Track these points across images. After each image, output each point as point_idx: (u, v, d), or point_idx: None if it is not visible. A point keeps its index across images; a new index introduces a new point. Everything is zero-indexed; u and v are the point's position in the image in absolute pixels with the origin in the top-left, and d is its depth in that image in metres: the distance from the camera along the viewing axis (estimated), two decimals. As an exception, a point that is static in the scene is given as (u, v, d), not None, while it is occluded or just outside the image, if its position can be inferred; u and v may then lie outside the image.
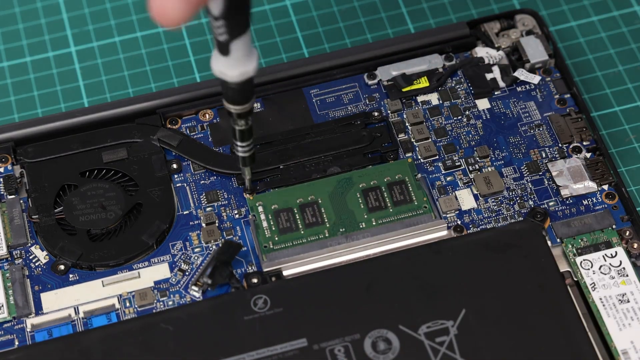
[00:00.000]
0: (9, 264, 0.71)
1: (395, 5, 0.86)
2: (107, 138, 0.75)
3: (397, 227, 0.71)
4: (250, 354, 0.66)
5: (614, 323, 0.67)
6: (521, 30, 0.80)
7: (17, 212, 0.72)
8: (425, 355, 0.65)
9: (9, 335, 0.68)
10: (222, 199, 0.73)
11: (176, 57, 0.83)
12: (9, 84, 0.82)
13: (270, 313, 0.67)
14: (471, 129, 0.76)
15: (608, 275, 0.69)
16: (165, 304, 0.69)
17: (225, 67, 0.62)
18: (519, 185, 0.73)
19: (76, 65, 0.83)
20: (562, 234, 0.71)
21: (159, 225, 0.72)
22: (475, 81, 0.78)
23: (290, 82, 0.78)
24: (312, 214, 0.72)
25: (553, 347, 0.66)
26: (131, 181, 0.74)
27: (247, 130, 0.67)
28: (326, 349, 0.66)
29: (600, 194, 0.73)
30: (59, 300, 0.69)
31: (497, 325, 0.66)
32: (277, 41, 0.84)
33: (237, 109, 0.65)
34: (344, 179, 0.73)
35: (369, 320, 0.67)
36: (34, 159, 0.74)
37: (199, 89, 0.77)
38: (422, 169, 0.74)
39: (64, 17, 0.85)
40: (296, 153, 0.74)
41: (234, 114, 0.66)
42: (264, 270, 0.70)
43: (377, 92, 0.78)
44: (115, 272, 0.70)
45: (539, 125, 0.76)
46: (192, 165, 0.75)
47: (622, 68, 0.82)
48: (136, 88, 0.82)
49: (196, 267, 0.71)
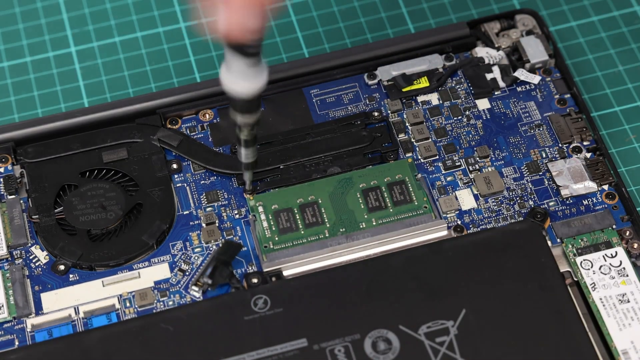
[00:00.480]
0: (9, 264, 0.71)
1: (395, 5, 0.86)
2: (107, 138, 0.75)
3: (397, 227, 0.71)
4: (250, 354, 0.66)
5: (614, 323, 0.68)
6: (521, 30, 0.80)
7: (17, 212, 0.72)
8: (425, 355, 0.65)
9: (9, 335, 0.68)
10: (222, 199, 0.73)
11: (176, 57, 0.83)
12: (9, 84, 0.82)
13: (271, 313, 0.67)
14: (471, 129, 0.76)
15: (608, 275, 0.69)
16: (166, 304, 0.69)
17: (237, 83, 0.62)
18: (519, 185, 0.73)
19: (76, 65, 0.83)
20: (562, 234, 0.71)
21: (159, 225, 0.72)
22: (475, 81, 0.78)
23: (290, 82, 0.78)
24: (312, 214, 0.72)
25: (553, 347, 0.66)
26: (131, 181, 0.74)
27: (251, 138, 0.67)
28: (326, 349, 0.66)
29: (600, 194, 0.73)
30: (59, 301, 0.69)
31: (497, 325, 0.66)
32: (277, 41, 0.84)
33: (245, 120, 0.65)
34: (344, 179, 0.73)
35: (369, 320, 0.67)
36: (34, 159, 0.74)
37: (199, 89, 0.77)
38: (422, 169, 0.74)
39: (64, 17, 0.85)
40: (296, 153, 0.74)
41: (240, 124, 0.66)
42: (264, 271, 0.70)
43: (377, 92, 0.78)
44: (116, 272, 0.70)
45: (539, 125, 0.76)
46: (192, 165, 0.75)
47: (622, 68, 0.82)
48: (136, 88, 0.82)
49: (196, 267, 0.71)
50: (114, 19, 0.85)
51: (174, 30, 0.85)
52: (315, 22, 0.85)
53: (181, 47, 0.84)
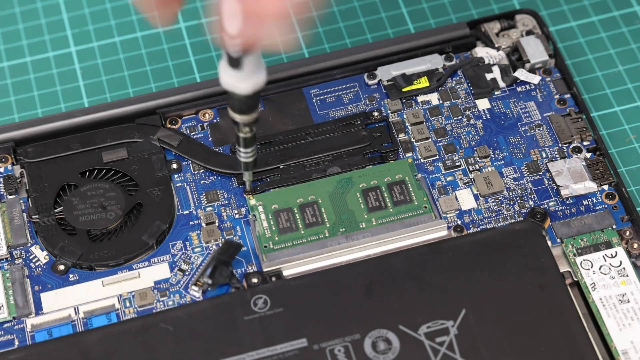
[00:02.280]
0: (9, 264, 0.71)
1: (395, 5, 0.86)
2: (107, 138, 0.75)
3: (397, 227, 0.71)
4: (250, 354, 0.66)
5: (614, 323, 0.67)
6: (521, 30, 0.80)
7: (17, 212, 0.72)
8: (425, 355, 0.65)
9: (9, 335, 0.68)
10: (222, 198, 0.73)
11: (176, 57, 0.83)
12: (9, 84, 0.82)
13: (271, 313, 0.67)
14: (471, 129, 0.76)
15: (608, 275, 0.69)
16: (166, 304, 0.69)
17: (236, 81, 0.62)
18: (519, 185, 0.73)
19: (76, 65, 0.83)
20: (562, 234, 0.71)
21: (159, 225, 0.72)
22: (475, 81, 0.78)
23: (290, 82, 0.78)
24: (312, 214, 0.72)
25: (553, 347, 0.66)
26: (131, 181, 0.74)
27: (251, 137, 0.67)
28: (326, 349, 0.66)
29: (600, 194, 0.73)
30: (59, 301, 0.69)
31: (497, 325, 0.66)
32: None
33: (244, 119, 0.65)
34: (344, 179, 0.73)
35: (369, 321, 0.67)
36: (34, 159, 0.74)
37: (199, 89, 0.77)
38: (422, 169, 0.74)
39: (64, 17, 0.85)
40: (296, 153, 0.74)
41: (239, 123, 0.66)
42: (264, 270, 0.70)
43: (377, 92, 0.78)
44: (115, 272, 0.70)
45: (539, 125, 0.76)
46: (192, 165, 0.75)
47: (622, 68, 0.82)
48: (136, 88, 0.82)
49: (196, 267, 0.71)
50: (114, 19, 0.85)
51: (174, 30, 0.85)
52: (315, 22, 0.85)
53: (181, 47, 0.84)
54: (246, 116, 0.65)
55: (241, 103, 0.64)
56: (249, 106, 0.65)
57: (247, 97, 0.64)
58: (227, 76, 0.62)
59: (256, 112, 0.65)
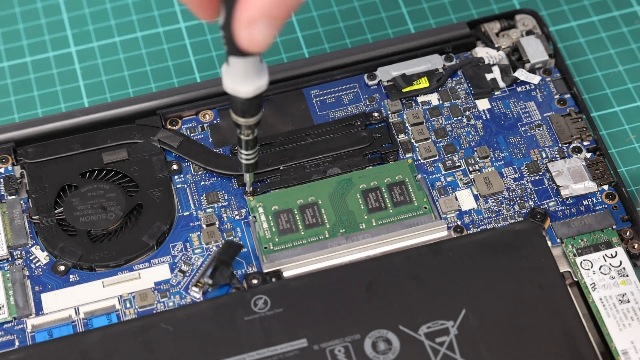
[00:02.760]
0: (10, 264, 0.71)
1: (395, 5, 0.86)
2: (108, 139, 0.75)
3: (397, 227, 0.71)
4: (250, 354, 0.66)
5: (614, 323, 0.68)
6: (521, 30, 0.80)
7: (17, 212, 0.72)
8: (425, 355, 0.65)
9: (9, 335, 0.68)
10: (222, 200, 0.73)
11: (176, 57, 0.83)
12: (9, 84, 0.82)
13: (271, 313, 0.67)
14: (471, 130, 0.76)
15: (608, 275, 0.69)
16: (166, 304, 0.69)
17: (238, 84, 0.62)
18: (519, 186, 0.73)
19: (76, 65, 0.83)
20: (562, 234, 0.71)
21: (159, 226, 0.72)
22: (475, 81, 0.78)
23: (290, 82, 0.78)
24: (312, 215, 0.72)
25: (553, 347, 0.66)
26: (131, 182, 0.74)
27: (252, 139, 0.67)
28: (326, 349, 0.66)
29: (600, 194, 0.73)
30: (59, 301, 0.69)
31: (497, 325, 0.66)
32: (277, 41, 0.84)
33: (247, 122, 0.65)
34: (344, 180, 0.73)
35: (369, 321, 0.67)
36: (35, 160, 0.74)
37: (199, 89, 0.77)
38: (422, 170, 0.74)
39: (64, 17, 0.85)
40: (296, 154, 0.74)
41: (242, 125, 0.66)
42: (264, 271, 0.70)
43: (377, 92, 0.78)
44: (116, 273, 0.70)
45: (539, 126, 0.76)
46: (192, 166, 0.75)
47: (622, 68, 0.82)
48: (136, 88, 0.82)
49: (196, 268, 0.71)
50: (114, 19, 0.85)
51: (174, 30, 0.85)
52: (315, 22, 0.85)
53: (181, 47, 0.84)
54: (248, 119, 0.65)
55: (243, 106, 0.64)
56: (252, 109, 0.65)
57: (249, 101, 0.64)
58: (230, 80, 0.62)
59: (258, 115, 0.65)
